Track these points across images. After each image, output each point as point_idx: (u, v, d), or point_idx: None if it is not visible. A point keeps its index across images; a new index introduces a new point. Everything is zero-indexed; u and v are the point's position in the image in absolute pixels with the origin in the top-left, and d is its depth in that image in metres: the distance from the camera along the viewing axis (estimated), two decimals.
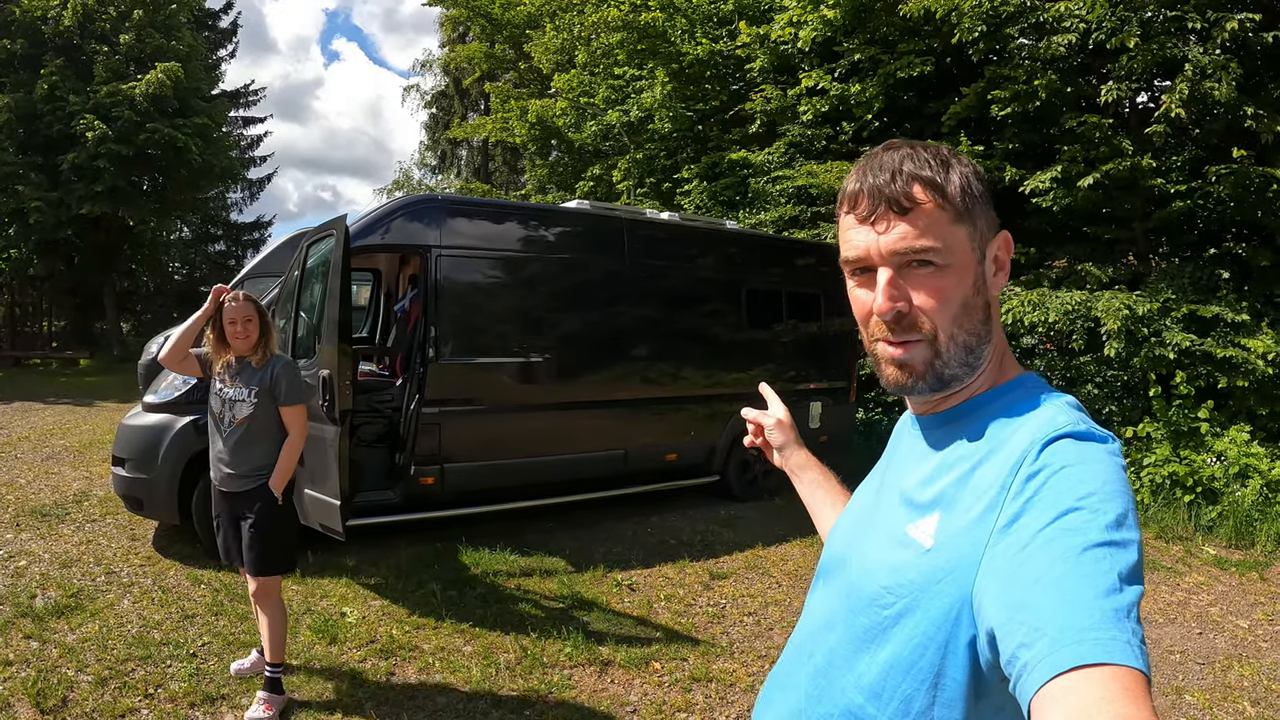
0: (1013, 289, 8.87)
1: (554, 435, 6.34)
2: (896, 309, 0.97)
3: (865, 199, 1.00)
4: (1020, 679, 0.73)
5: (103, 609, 4.55)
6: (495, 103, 17.48)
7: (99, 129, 17.24)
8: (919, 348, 0.98)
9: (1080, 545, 0.76)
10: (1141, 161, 7.98)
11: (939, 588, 0.90)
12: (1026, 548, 0.80)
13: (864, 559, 1.04)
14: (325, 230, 5.07)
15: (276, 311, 5.59)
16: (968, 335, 0.98)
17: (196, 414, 5.41)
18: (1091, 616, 0.71)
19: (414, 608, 4.73)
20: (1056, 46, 8.12)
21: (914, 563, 0.94)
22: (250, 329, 3.60)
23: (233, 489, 3.61)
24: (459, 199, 6.50)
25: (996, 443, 0.95)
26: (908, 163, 0.99)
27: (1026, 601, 0.76)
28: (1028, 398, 0.99)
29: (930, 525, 0.95)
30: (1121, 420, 8.35)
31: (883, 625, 0.96)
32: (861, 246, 1.00)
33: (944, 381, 1.00)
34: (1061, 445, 0.87)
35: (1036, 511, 0.82)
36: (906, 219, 0.97)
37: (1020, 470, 0.87)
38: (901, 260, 0.97)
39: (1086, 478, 0.83)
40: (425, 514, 5.79)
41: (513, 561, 5.62)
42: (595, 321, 6.59)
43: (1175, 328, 7.68)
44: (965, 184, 1.00)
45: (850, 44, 9.99)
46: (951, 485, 0.96)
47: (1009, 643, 0.75)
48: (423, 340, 5.79)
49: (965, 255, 0.99)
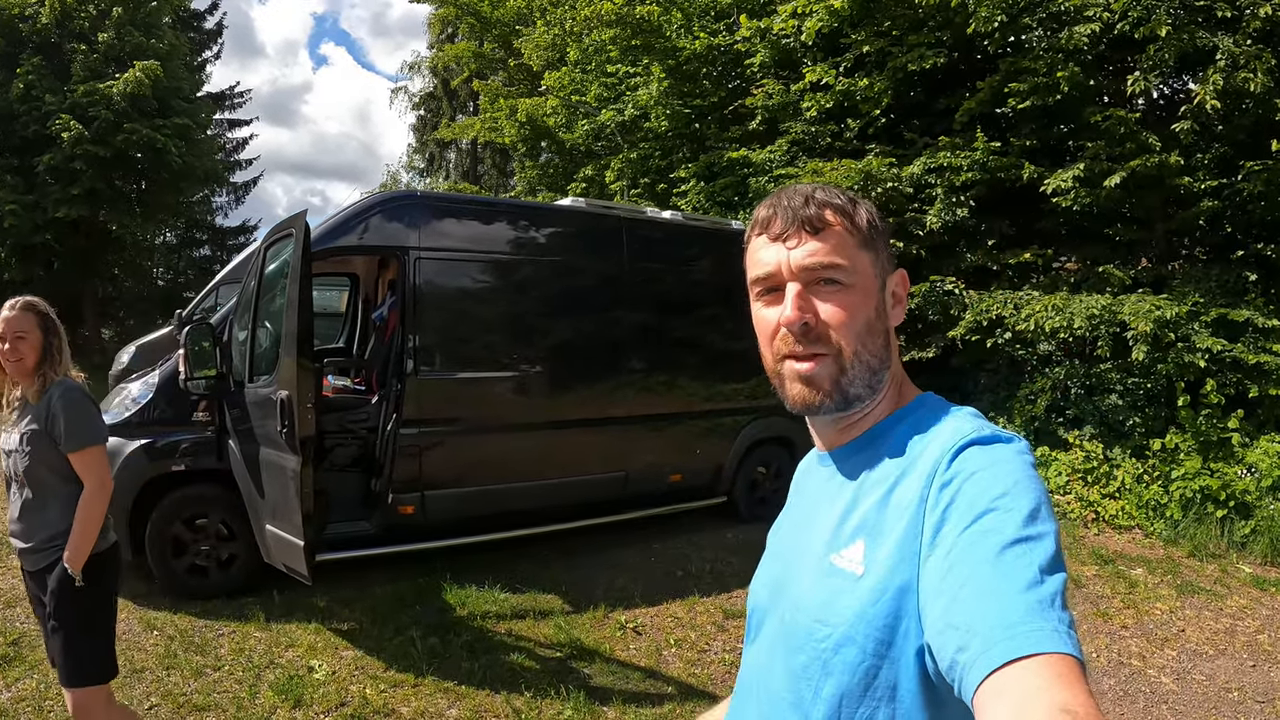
0: (1031, 293, 8.49)
1: (547, 457, 5.78)
2: (805, 319, 1.00)
3: (779, 220, 1.04)
4: (961, 681, 0.75)
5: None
6: (484, 102, 16.93)
7: (75, 129, 16.67)
8: (825, 363, 1.00)
9: (998, 544, 0.79)
10: (1169, 159, 7.58)
11: (875, 609, 0.90)
12: (949, 554, 0.82)
13: (794, 601, 1.04)
14: (283, 230, 4.52)
15: (234, 323, 5.05)
16: (870, 356, 1.01)
17: (150, 436, 4.88)
18: (1017, 611, 0.73)
19: (391, 660, 4.19)
20: (1079, 37, 7.72)
21: (847, 590, 0.94)
22: (23, 348, 2.66)
23: (29, 566, 2.77)
24: (439, 195, 5.92)
25: (908, 461, 0.97)
26: (819, 192, 1.04)
27: (955, 607, 0.78)
28: (930, 414, 1.03)
29: (856, 553, 0.96)
30: (1146, 432, 7.93)
31: (823, 658, 0.95)
32: (772, 263, 1.03)
33: (848, 400, 1.01)
34: (970, 452, 0.91)
35: (955, 518, 0.85)
36: (817, 238, 1.02)
37: (934, 481, 0.91)
38: (810, 276, 1.01)
39: (997, 479, 0.86)
40: (405, 546, 5.23)
41: (503, 601, 5.07)
42: (591, 331, 6.02)
43: (1204, 332, 7.29)
44: (870, 217, 1.06)
45: (857, 36, 9.50)
46: (872, 510, 0.97)
47: (946, 650, 0.77)
48: (400, 352, 5.24)
49: (869, 279, 1.04)
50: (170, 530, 4.88)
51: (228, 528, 4.97)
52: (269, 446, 4.38)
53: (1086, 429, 8.17)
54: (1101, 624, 5.15)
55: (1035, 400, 8.55)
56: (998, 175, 8.74)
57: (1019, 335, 8.37)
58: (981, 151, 8.59)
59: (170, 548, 4.89)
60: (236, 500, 4.83)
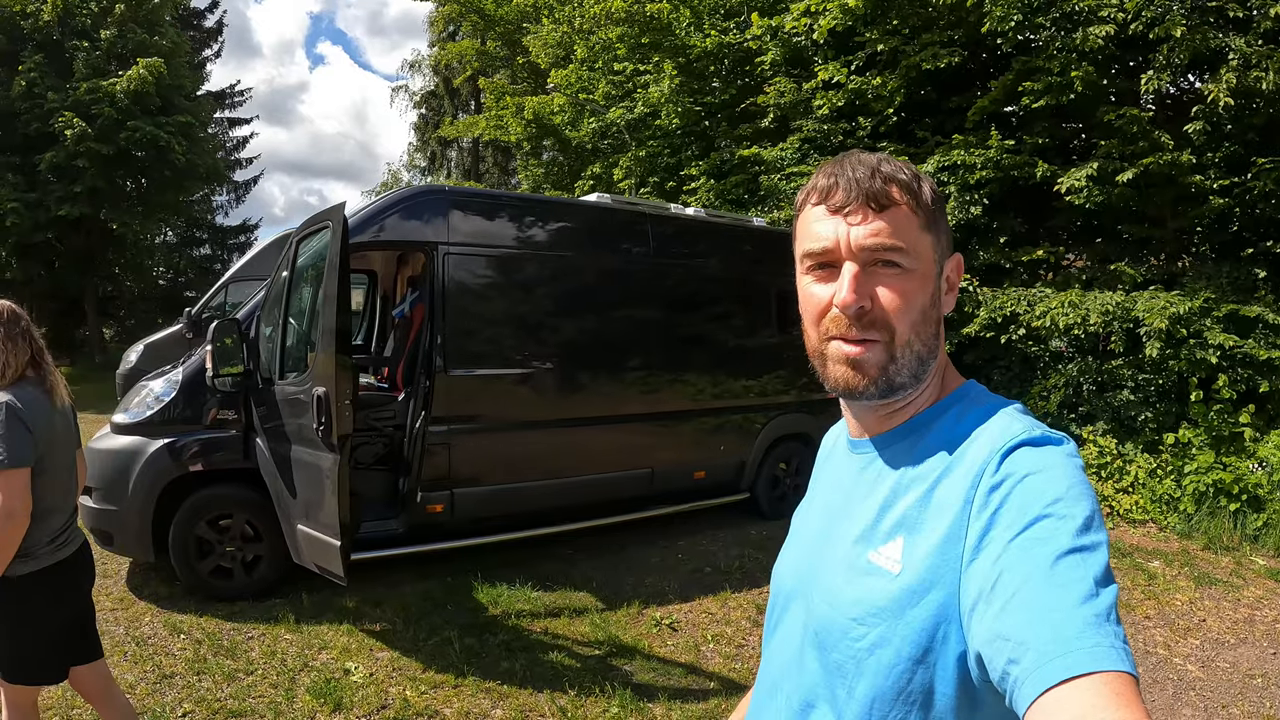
0: (1044, 290, 8.50)
1: (576, 454, 5.71)
2: (862, 304, 0.95)
3: (840, 191, 0.97)
4: (1013, 694, 0.72)
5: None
6: (489, 100, 16.84)
7: (78, 126, 16.58)
8: (876, 349, 0.96)
9: (1053, 554, 0.76)
10: (1180, 157, 7.63)
11: (914, 612, 0.87)
12: (999, 560, 0.79)
13: (826, 594, 1.00)
14: (319, 222, 4.44)
15: (261, 319, 4.98)
16: (922, 345, 0.97)
17: (173, 436, 4.80)
18: (1073, 625, 0.71)
19: (429, 661, 4.12)
20: (1094, 38, 7.72)
21: (883, 590, 0.91)
22: None
23: None
24: (467, 191, 5.81)
25: (954, 457, 0.94)
26: (885, 165, 0.98)
27: (1006, 618, 0.75)
28: (976, 408, 0.99)
29: (895, 550, 0.92)
30: (1157, 427, 7.99)
31: (857, 658, 0.92)
32: (829, 238, 0.97)
33: (893, 389, 0.97)
34: (1020, 453, 0.88)
35: (1005, 523, 0.82)
36: (881, 215, 0.95)
37: (982, 483, 0.87)
38: (870, 257, 0.96)
39: (1050, 484, 0.83)
40: (433, 545, 5.16)
41: (535, 599, 5.02)
42: (619, 327, 5.96)
43: (1216, 328, 7.33)
44: (934, 195, 1.01)
45: (871, 34, 9.47)
46: (913, 507, 0.94)
47: (997, 661, 0.75)
48: (428, 349, 5.15)
49: (928, 264, 0.98)
50: (194, 531, 4.80)
51: (253, 528, 4.89)
52: (302, 445, 4.32)
53: (1099, 425, 8.19)
54: (1125, 615, 5.19)
55: (1049, 397, 8.56)
56: (1011, 173, 8.75)
57: (1033, 332, 8.37)
58: (995, 150, 8.60)
59: (194, 549, 4.81)
60: (263, 500, 4.77)
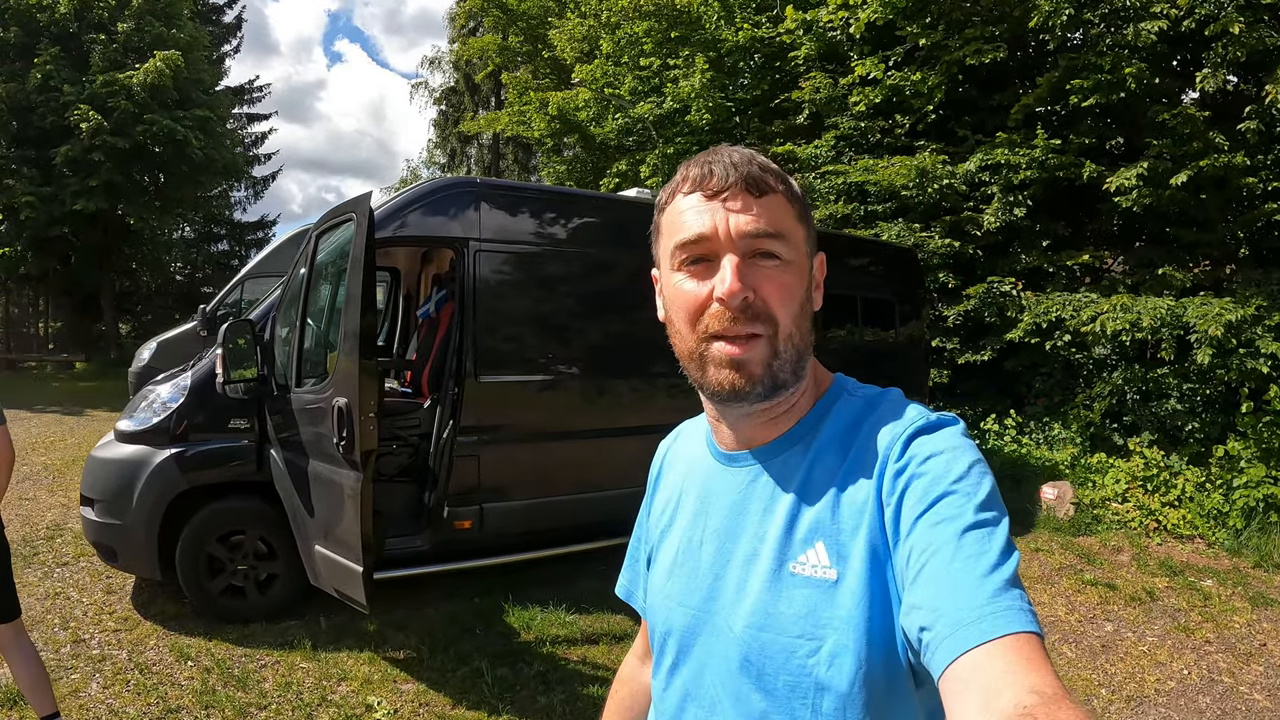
0: (1089, 295, 8.12)
1: (615, 465, 5.28)
2: (746, 294, 0.90)
3: (717, 176, 0.92)
4: (928, 659, 0.75)
5: (65, 696, 3.64)
6: (512, 95, 16.54)
7: (94, 120, 16.37)
8: (759, 346, 0.91)
9: (959, 528, 0.79)
10: (1235, 159, 7.30)
11: (863, 611, 0.86)
12: (909, 537, 0.82)
13: (746, 618, 0.94)
14: (342, 214, 4.06)
15: (277, 319, 4.63)
16: (800, 339, 0.95)
17: (181, 445, 4.47)
18: (983, 593, 0.74)
19: (458, 695, 3.77)
20: (1147, 34, 7.39)
21: (824, 599, 0.88)
22: None
23: None
24: (500, 183, 5.41)
25: (851, 454, 0.93)
26: (758, 156, 0.96)
27: (918, 588, 0.78)
28: (861, 402, 0.99)
29: (819, 557, 0.90)
30: (1205, 438, 7.67)
31: (813, 673, 0.88)
32: (706, 226, 0.92)
33: (776, 386, 0.93)
34: (920, 440, 0.89)
35: (911, 502, 0.84)
36: (761, 202, 0.92)
37: (887, 470, 0.88)
38: (750, 246, 0.91)
39: (951, 464, 0.85)
40: (461, 564, 4.80)
41: (570, 623, 4.65)
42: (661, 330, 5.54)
43: (1268, 336, 7.02)
44: (801, 190, 0.99)
45: (912, 28, 9.10)
46: (824, 511, 0.91)
47: (912, 629, 0.78)
48: (458, 354, 4.77)
49: (803, 257, 0.96)
50: (204, 548, 4.46)
51: (267, 545, 4.55)
52: (321, 460, 3.96)
53: (1145, 436, 7.86)
54: (1185, 639, 4.95)
55: (1092, 406, 8.26)
56: (1056, 174, 8.42)
57: (1078, 338, 8.02)
58: (1041, 149, 8.25)
59: (204, 567, 4.47)
60: (277, 515, 4.43)
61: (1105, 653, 4.72)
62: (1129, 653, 4.72)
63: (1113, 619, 5.22)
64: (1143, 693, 4.24)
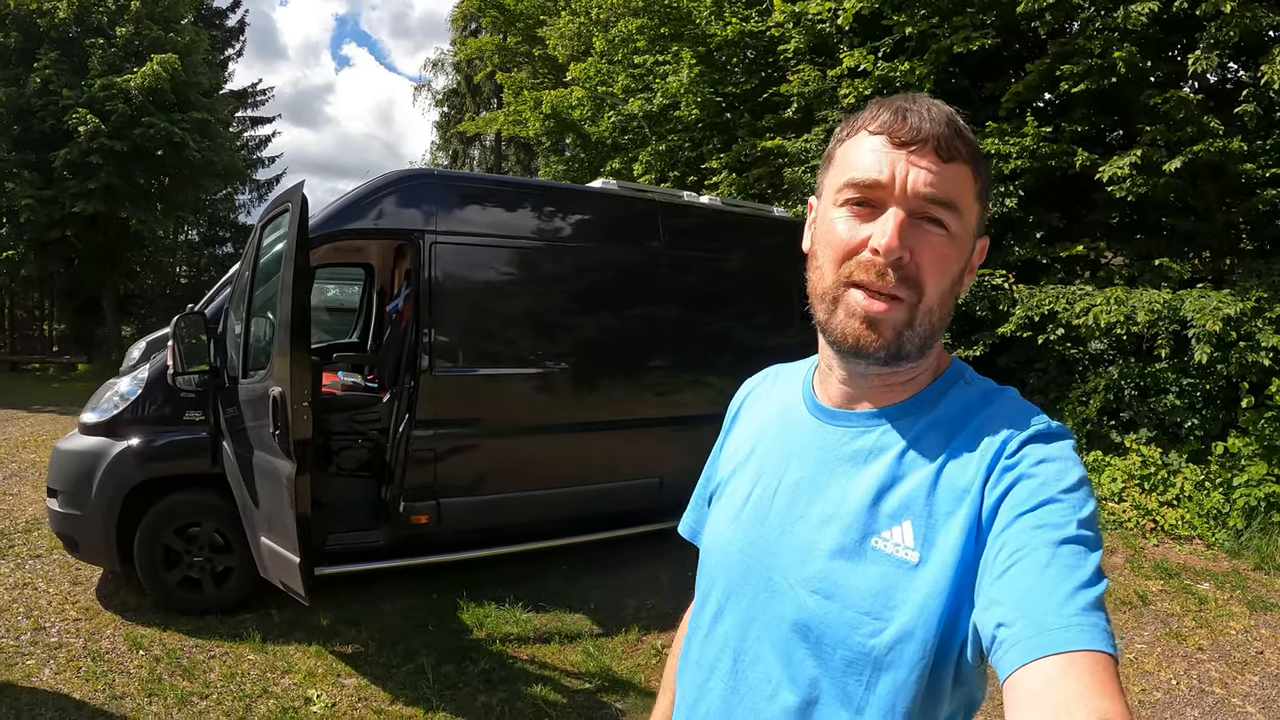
0: (1084, 288, 7.96)
1: (576, 462, 5.25)
2: (902, 254, 0.86)
3: (910, 126, 0.87)
4: (998, 656, 0.74)
5: (18, 680, 3.67)
6: (508, 95, 16.57)
7: (92, 123, 16.43)
8: (898, 309, 0.88)
9: (1060, 536, 0.77)
10: (1231, 144, 7.10)
11: (938, 602, 0.83)
12: (1003, 533, 0.80)
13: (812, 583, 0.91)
14: (280, 205, 4.04)
15: (231, 313, 4.59)
16: (939, 317, 0.91)
17: (139, 436, 4.44)
18: (1072, 605, 0.72)
19: (398, 691, 3.72)
20: (1137, 17, 7.22)
21: (900, 581, 0.86)
22: None
23: None
24: (458, 175, 5.37)
25: (959, 439, 0.90)
26: (958, 119, 0.90)
27: (1003, 584, 0.76)
28: (975, 389, 0.97)
29: (904, 537, 0.88)
30: (1204, 435, 7.46)
31: (874, 654, 0.86)
32: (884, 171, 0.87)
33: (899, 357, 0.91)
34: (1039, 443, 0.87)
35: (1015, 501, 0.82)
36: (947, 166, 0.87)
37: (999, 464, 0.86)
38: (921, 208, 0.87)
39: (1064, 474, 0.83)
40: (417, 560, 4.73)
41: (525, 621, 4.58)
42: (622, 325, 5.47)
43: (1268, 330, 6.79)
44: (988, 167, 0.95)
45: (900, 18, 8.98)
46: (919, 489, 0.89)
47: (987, 624, 0.76)
48: (414, 347, 4.73)
49: (969, 235, 0.92)
50: (161, 539, 4.43)
51: (223, 537, 4.51)
52: (263, 450, 3.92)
53: (1142, 432, 7.68)
54: (1177, 646, 4.74)
55: (1088, 402, 8.06)
56: (1048, 163, 8.28)
57: (1072, 332, 7.85)
58: (1031, 138, 8.11)
59: (161, 558, 4.45)
60: (232, 508, 4.38)
61: None
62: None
63: None
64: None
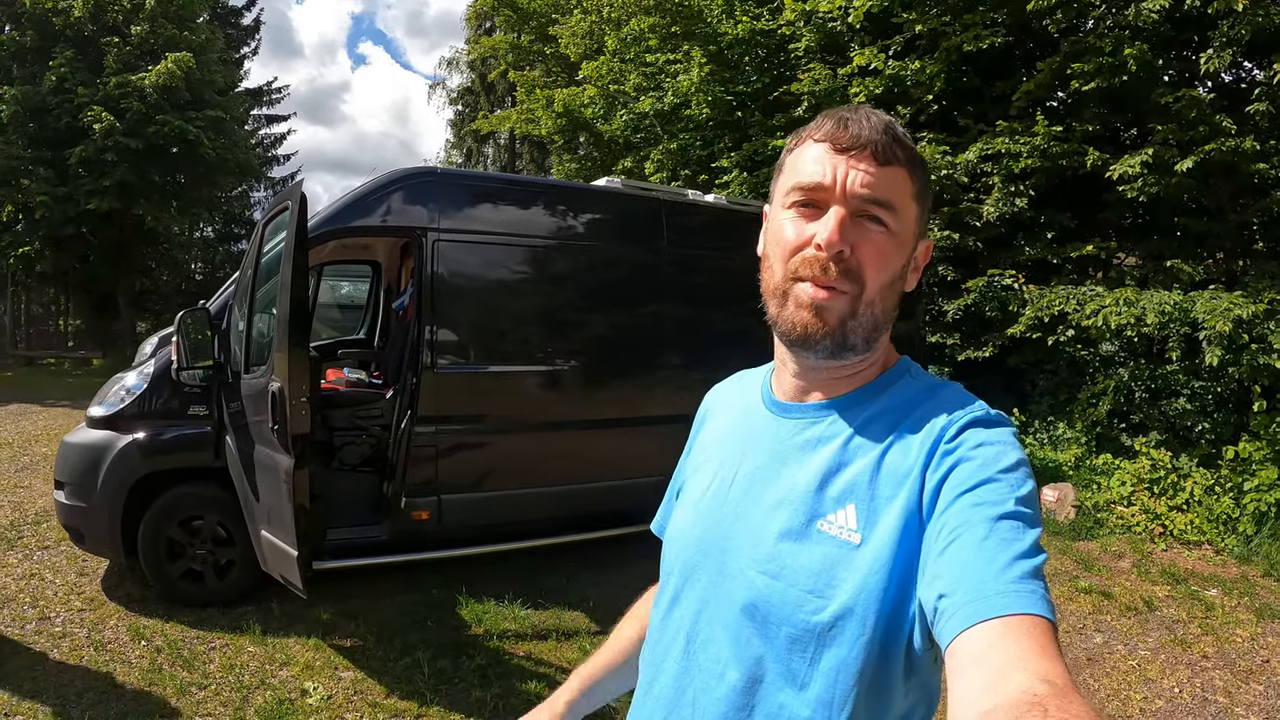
0: (1094, 289, 7.89)
1: (577, 459, 5.24)
2: (843, 248, 0.92)
3: (849, 135, 0.94)
4: (939, 624, 0.76)
5: (21, 670, 3.72)
6: (521, 93, 16.58)
7: (107, 120, 16.56)
8: (842, 300, 0.94)
9: (998, 512, 0.80)
10: (1244, 144, 7.00)
11: (876, 580, 0.86)
12: (945, 512, 0.83)
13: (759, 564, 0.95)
14: (282, 203, 4.08)
15: (234, 309, 4.62)
16: (881, 311, 0.96)
17: (145, 429, 4.48)
18: (1009, 574, 0.75)
19: (394, 685, 3.73)
20: (1148, 14, 7.16)
21: (844, 561, 0.89)
22: None
23: None
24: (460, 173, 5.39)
25: (902, 427, 0.94)
26: (895, 127, 0.96)
27: (945, 558, 0.79)
28: (920, 382, 1.02)
29: (847, 519, 0.91)
30: (1215, 439, 7.37)
31: (816, 630, 0.89)
32: (826, 175, 0.94)
33: (845, 347, 0.96)
34: (977, 429, 0.90)
35: (955, 482, 0.85)
36: (884, 169, 0.94)
37: (938, 449, 0.90)
38: (860, 207, 0.94)
39: (1002, 456, 0.87)
40: (417, 555, 4.74)
41: (523, 618, 4.59)
42: (624, 323, 5.46)
43: None
44: (927, 172, 1.01)
45: (910, 16, 8.94)
46: (862, 474, 0.93)
47: (930, 597, 0.79)
48: (416, 343, 4.75)
49: (909, 233, 0.98)
50: (164, 532, 4.49)
51: (226, 530, 4.55)
52: (263, 444, 3.96)
53: (1152, 435, 7.59)
54: (1181, 654, 4.65)
55: (1097, 404, 7.99)
56: (1059, 162, 8.21)
57: (1082, 333, 7.78)
58: (1042, 137, 8.04)
59: (165, 551, 4.50)
60: (234, 501, 4.42)
61: (1090, 666, 4.44)
62: (1117, 667, 4.44)
63: (1104, 630, 4.93)
64: (1126, 712, 3.97)
